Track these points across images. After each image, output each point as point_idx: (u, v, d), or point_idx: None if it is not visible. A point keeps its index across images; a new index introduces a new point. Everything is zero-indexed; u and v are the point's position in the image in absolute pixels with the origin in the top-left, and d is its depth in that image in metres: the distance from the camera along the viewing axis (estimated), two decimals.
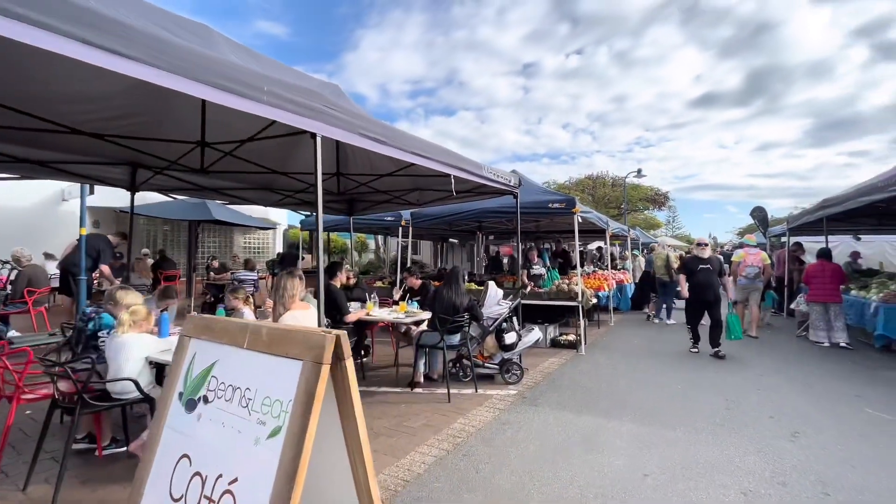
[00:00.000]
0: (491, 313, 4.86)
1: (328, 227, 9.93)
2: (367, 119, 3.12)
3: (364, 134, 3.02)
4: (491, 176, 4.74)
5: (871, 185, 5.77)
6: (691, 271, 6.49)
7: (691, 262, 6.57)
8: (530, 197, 7.13)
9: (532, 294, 6.89)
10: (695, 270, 6.42)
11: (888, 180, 5.39)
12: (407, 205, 6.68)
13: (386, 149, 3.24)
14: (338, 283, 5.07)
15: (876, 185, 5.63)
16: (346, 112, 2.94)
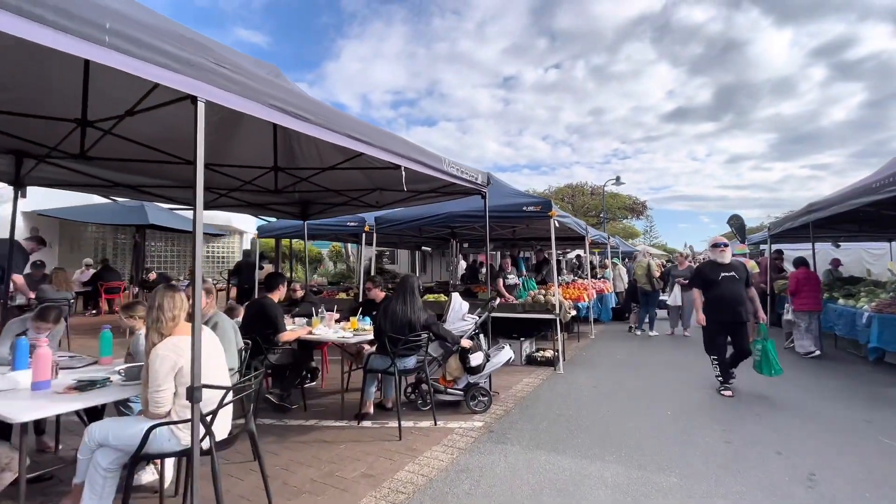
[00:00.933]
0: (455, 330, 4.19)
1: (287, 234, 9.14)
2: (285, 90, 2.45)
3: (275, 105, 2.34)
4: (453, 171, 4.11)
5: (865, 186, 5.38)
6: (709, 282, 4.83)
7: (709, 270, 4.94)
8: (503, 200, 6.55)
9: (505, 306, 6.26)
10: (714, 280, 4.79)
11: (883, 181, 5.00)
12: (366, 207, 5.98)
13: (309, 127, 2.56)
14: (277, 297, 4.34)
15: (870, 187, 5.23)
16: (253, 77, 2.26)
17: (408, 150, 3.40)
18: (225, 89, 2.11)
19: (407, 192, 5.35)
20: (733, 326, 4.71)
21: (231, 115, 3.72)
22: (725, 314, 4.69)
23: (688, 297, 8.82)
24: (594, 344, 7.97)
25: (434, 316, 3.93)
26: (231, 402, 2.29)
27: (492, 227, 8.86)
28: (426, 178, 4.83)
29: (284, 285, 4.51)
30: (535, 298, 6.15)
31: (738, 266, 4.88)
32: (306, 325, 4.57)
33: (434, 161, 3.78)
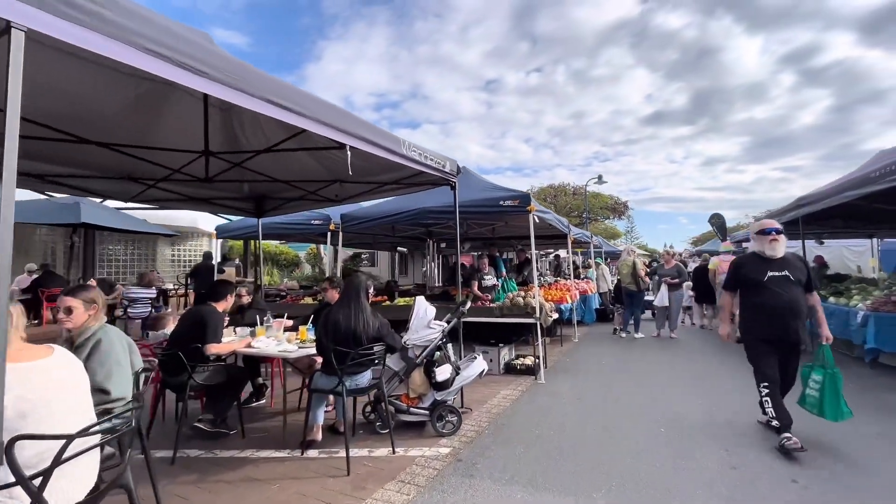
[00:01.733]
0: (419, 339, 3.62)
1: (248, 234, 8.43)
2: (172, 34, 1.85)
3: (152, 50, 1.74)
4: (414, 155, 3.55)
5: (862, 176, 5.04)
6: (752, 282, 3.39)
7: (751, 266, 3.44)
8: (479, 194, 6.03)
9: (481, 310, 5.72)
10: (759, 282, 3.34)
11: (883, 170, 4.65)
12: (326, 202, 5.38)
13: (209, 84, 1.97)
14: (222, 308, 3.71)
15: (868, 177, 4.88)
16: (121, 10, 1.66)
17: (354, 125, 2.83)
18: (67, 19, 1.51)
19: (369, 184, 4.80)
20: (784, 348, 3.34)
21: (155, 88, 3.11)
22: (774, 329, 3.26)
23: (675, 297, 8.46)
24: (578, 348, 7.50)
25: (387, 324, 3.36)
26: (96, 448, 1.68)
27: (469, 224, 8.35)
28: (387, 167, 4.28)
29: (233, 295, 3.88)
30: (513, 301, 5.63)
31: (794, 262, 3.40)
32: (249, 336, 3.95)
33: (389, 142, 3.21)
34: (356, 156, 4.06)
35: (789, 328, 3.26)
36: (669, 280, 8.46)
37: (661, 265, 8.96)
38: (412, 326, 3.65)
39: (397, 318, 5.93)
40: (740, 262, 3.63)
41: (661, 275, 8.71)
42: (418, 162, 3.62)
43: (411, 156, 3.52)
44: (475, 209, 5.83)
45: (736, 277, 3.57)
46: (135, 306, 7.29)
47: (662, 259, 9.08)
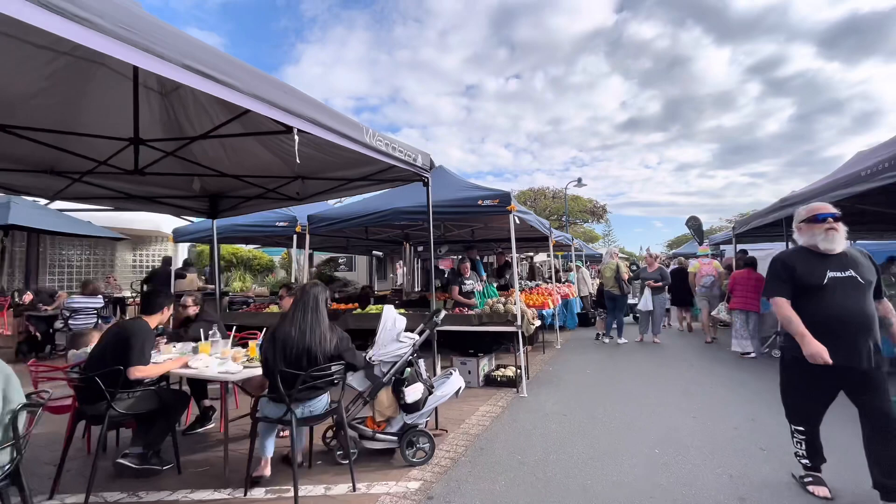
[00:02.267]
0: (387, 355, 3.18)
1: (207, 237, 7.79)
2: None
3: None
4: (380, 146, 3.12)
5: (852, 175, 4.86)
6: (807, 287, 2.54)
7: (804, 266, 2.57)
8: (456, 193, 5.64)
9: (459, 318, 5.30)
10: (817, 286, 2.51)
11: (874, 167, 4.47)
12: (287, 200, 4.88)
13: (91, 37, 1.50)
14: (157, 322, 3.19)
15: (858, 176, 4.71)
16: None
17: (303, 105, 2.38)
18: None
19: (333, 180, 4.35)
20: (853, 378, 2.47)
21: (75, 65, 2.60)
22: (840, 352, 2.39)
23: (658, 300, 8.25)
24: (561, 356, 7.17)
25: (347, 339, 2.91)
26: None
27: (447, 226, 7.95)
28: (352, 161, 3.85)
29: (170, 307, 3.34)
30: (493, 308, 5.24)
31: (859, 260, 2.56)
32: (191, 353, 3.43)
33: (349, 129, 2.77)
34: (314, 147, 3.62)
35: (861, 350, 2.39)
36: (652, 283, 8.26)
37: (644, 268, 8.76)
38: (379, 340, 3.20)
39: (369, 327, 5.48)
40: (789, 261, 2.63)
41: (643, 278, 8.51)
42: (385, 153, 3.20)
43: (376, 146, 3.09)
44: (452, 209, 5.43)
45: (782, 280, 2.59)
46: (77, 317, 6.59)
47: (645, 262, 8.88)
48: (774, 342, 6.80)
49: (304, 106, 2.38)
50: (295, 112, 2.30)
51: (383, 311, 3.30)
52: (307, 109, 2.39)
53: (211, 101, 3.13)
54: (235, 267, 22.48)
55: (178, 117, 3.51)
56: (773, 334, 6.84)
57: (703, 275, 9.26)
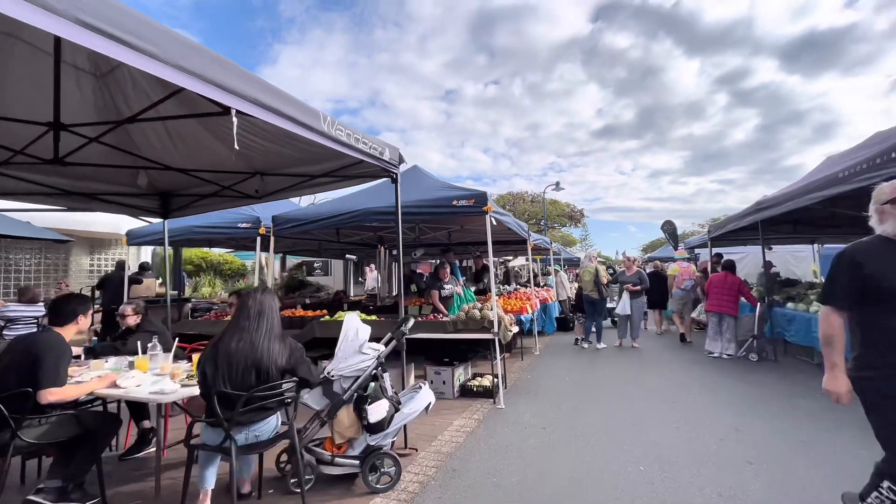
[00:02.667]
0: (348, 369, 2.85)
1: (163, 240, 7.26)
2: None
3: None
4: (340, 136, 2.81)
5: (829, 177, 4.82)
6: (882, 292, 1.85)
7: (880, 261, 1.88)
8: (430, 193, 5.36)
9: (433, 325, 5.00)
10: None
11: (851, 168, 4.43)
12: (245, 199, 4.49)
13: None
14: (72, 333, 2.77)
15: (836, 177, 4.67)
16: None
17: (245, 83, 2.05)
18: None
19: (295, 177, 4.00)
20: None
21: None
22: None
23: (637, 304, 8.15)
24: (539, 362, 6.96)
25: (301, 350, 2.58)
26: None
27: (422, 228, 7.66)
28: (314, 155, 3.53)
29: (88, 315, 2.92)
30: (468, 314, 4.97)
31: None
32: (125, 370, 3.02)
33: (303, 114, 2.45)
34: (271, 138, 3.29)
35: None
36: (631, 287, 8.16)
37: (622, 272, 8.66)
38: (339, 353, 2.88)
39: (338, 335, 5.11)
40: (859, 255, 1.94)
41: (622, 282, 8.40)
42: (346, 145, 2.88)
43: (336, 136, 2.77)
44: (426, 210, 5.14)
45: (856, 281, 1.90)
46: (14, 327, 5.97)
47: (623, 265, 8.79)
48: (751, 346, 6.76)
49: (245, 83, 2.05)
50: (232, 89, 1.97)
51: (345, 319, 2.98)
52: (248, 87, 2.06)
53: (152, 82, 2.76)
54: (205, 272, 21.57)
55: (115, 102, 3.11)
56: (751, 338, 6.79)
57: (683, 278, 9.41)
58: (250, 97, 2.08)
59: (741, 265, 14.57)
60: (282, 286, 12.31)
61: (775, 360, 6.58)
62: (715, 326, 7.19)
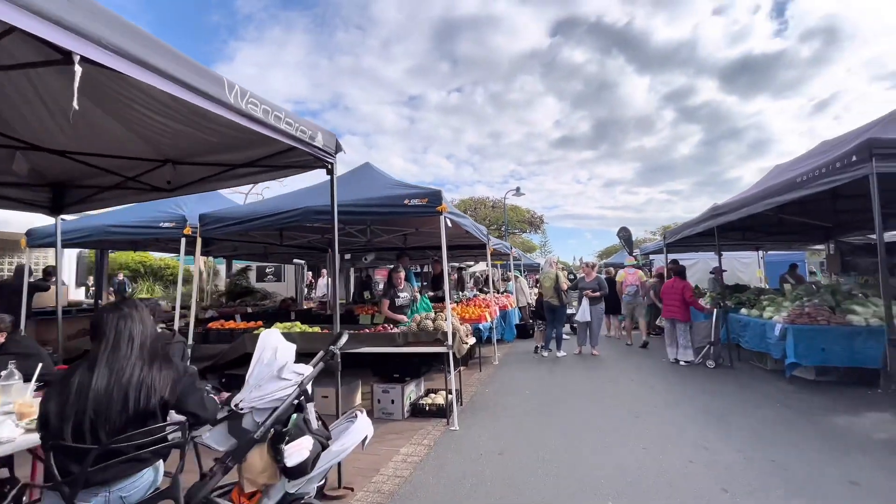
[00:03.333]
0: (262, 400, 2.30)
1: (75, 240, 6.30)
2: None
3: None
4: (255, 112, 2.27)
5: (788, 182, 4.77)
6: None
7: None
8: (379, 192, 4.87)
9: (378, 338, 4.49)
10: None
11: (811, 173, 4.37)
12: (155, 192, 3.81)
13: None
14: None
15: (794, 182, 4.61)
16: None
17: (96, 21, 1.49)
18: None
19: (213, 165, 3.40)
20: None
21: None
22: None
23: (596, 311, 7.99)
24: (499, 373, 6.58)
25: (192, 377, 2.02)
26: None
27: (374, 231, 7.12)
28: (234, 141, 2.97)
29: None
30: (420, 325, 4.50)
31: None
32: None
33: (194, 75, 1.90)
34: (182, 119, 2.70)
35: None
36: (590, 293, 7.99)
37: (582, 278, 8.50)
38: (251, 379, 2.31)
39: None
40: None
41: (581, 288, 8.22)
42: (262, 123, 2.35)
43: (248, 111, 2.24)
44: (375, 209, 4.64)
45: None
46: None
47: (583, 271, 8.63)
48: (708, 352, 6.71)
49: (98, 22, 1.49)
50: (74, 27, 1.41)
51: (261, 336, 2.42)
52: (104, 28, 1.50)
53: None
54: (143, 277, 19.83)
55: None
56: (707, 344, 6.75)
57: (627, 283, 9.52)
58: (107, 42, 1.53)
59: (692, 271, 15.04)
60: (225, 293, 11.33)
61: (731, 367, 6.55)
62: (670, 332, 7.26)
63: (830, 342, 5.31)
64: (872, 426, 3.92)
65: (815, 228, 9.14)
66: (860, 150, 3.59)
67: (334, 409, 3.26)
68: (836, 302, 5.91)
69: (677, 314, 7.13)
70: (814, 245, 11.24)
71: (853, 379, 5.49)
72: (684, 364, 6.81)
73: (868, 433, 3.75)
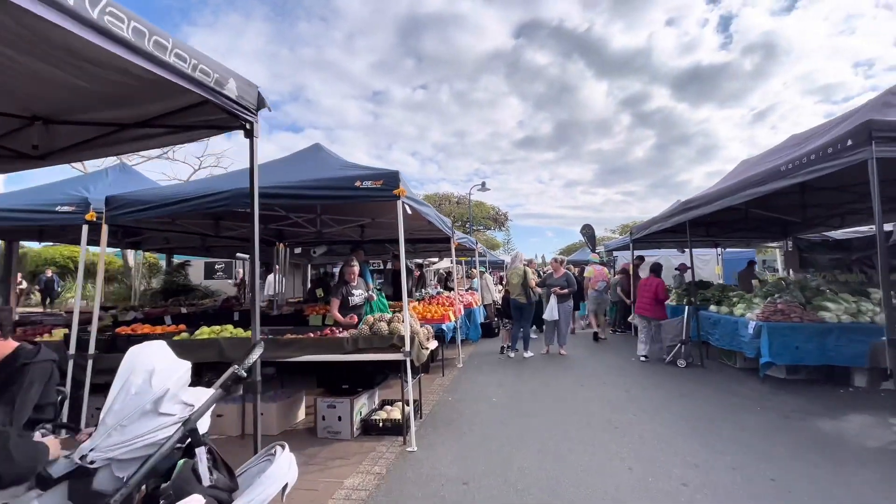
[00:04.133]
0: (125, 446, 1.60)
1: None
2: None
3: None
4: (115, 28, 1.56)
5: (770, 171, 4.49)
6: None
7: None
8: (328, 172, 4.18)
9: (323, 343, 3.80)
10: None
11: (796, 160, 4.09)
12: (19, 159, 2.94)
13: None
14: None
15: (777, 171, 4.33)
16: None
17: None
18: None
19: (97, 126, 2.60)
20: None
21: None
22: None
23: (564, 309, 7.61)
24: (463, 378, 6.04)
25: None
26: None
27: (325, 221, 6.38)
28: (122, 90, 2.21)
29: None
30: (374, 328, 3.85)
31: None
32: None
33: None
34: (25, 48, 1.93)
35: None
36: (558, 290, 7.60)
37: (550, 274, 8.10)
38: (107, 419, 1.61)
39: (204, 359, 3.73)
40: None
41: (549, 285, 7.82)
42: (134, 49, 1.64)
43: (108, 27, 1.52)
44: (321, 192, 3.95)
45: None
46: None
47: (551, 267, 8.24)
48: (679, 351, 6.47)
49: None
50: None
51: (128, 354, 1.71)
52: None
53: None
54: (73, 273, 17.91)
55: None
56: (678, 343, 6.51)
57: (597, 280, 9.40)
58: None
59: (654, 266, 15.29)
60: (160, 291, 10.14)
61: (702, 366, 6.34)
62: (643, 330, 7.07)
63: (803, 340, 5.14)
64: (861, 432, 3.68)
65: (775, 225, 9.25)
66: (857, 133, 3.29)
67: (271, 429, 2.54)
68: (805, 298, 5.79)
69: (648, 311, 6.99)
70: (771, 242, 11.45)
71: (820, 377, 5.37)
72: (643, 359, 6.79)
73: (860, 441, 3.48)
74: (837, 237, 8.79)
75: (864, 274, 7.34)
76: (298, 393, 4.46)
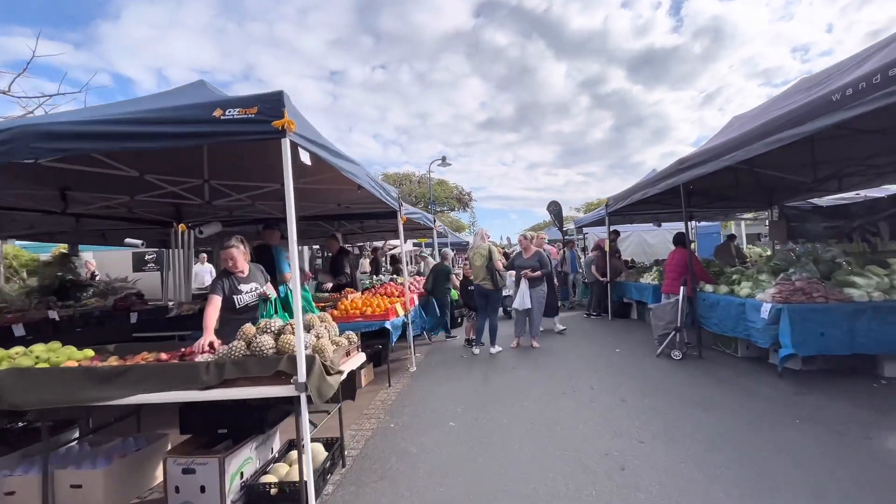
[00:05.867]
0: None
1: None
2: None
3: None
4: None
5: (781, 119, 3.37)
6: None
7: None
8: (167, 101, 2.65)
9: (161, 372, 2.33)
10: None
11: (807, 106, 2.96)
12: None
13: None
14: None
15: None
16: None
17: None
18: None
19: None
20: None
21: None
22: None
23: (536, 294, 6.43)
24: (415, 389, 4.73)
25: None
26: None
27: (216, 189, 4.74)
28: None
29: None
30: (253, 344, 2.43)
31: None
32: None
33: None
34: None
35: None
36: (530, 273, 6.40)
37: (519, 254, 6.86)
38: None
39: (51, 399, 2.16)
40: None
41: (518, 266, 6.59)
42: None
43: None
44: (153, 129, 2.40)
45: None
46: None
47: (520, 245, 6.99)
48: (673, 341, 5.43)
49: None
50: None
51: None
52: None
53: None
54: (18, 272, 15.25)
55: None
56: (672, 331, 5.46)
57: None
58: None
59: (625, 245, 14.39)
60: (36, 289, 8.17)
61: (700, 356, 5.33)
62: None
63: (830, 325, 4.16)
64: None
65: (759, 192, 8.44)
66: None
67: None
68: (821, 273, 4.84)
69: (675, 289, 5.67)
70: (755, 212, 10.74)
71: (838, 365, 4.47)
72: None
73: None
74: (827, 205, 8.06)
75: (866, 242, 6.54)
76: (159, 441, 2.99)
